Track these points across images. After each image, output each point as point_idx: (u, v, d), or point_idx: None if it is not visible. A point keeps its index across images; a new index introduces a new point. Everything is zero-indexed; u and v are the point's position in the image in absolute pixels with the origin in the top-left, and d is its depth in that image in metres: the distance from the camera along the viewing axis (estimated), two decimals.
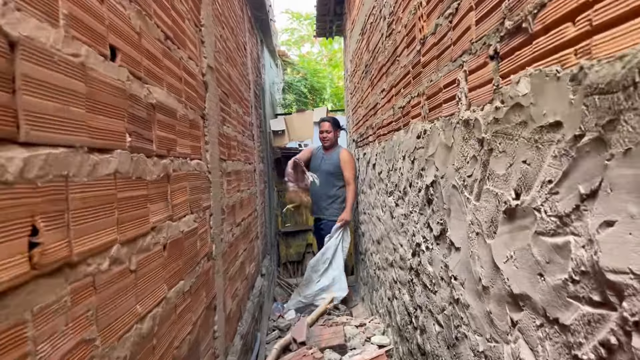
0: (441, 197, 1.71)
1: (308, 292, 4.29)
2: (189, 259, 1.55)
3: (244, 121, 3.41)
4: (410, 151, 2.21)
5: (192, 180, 1.64)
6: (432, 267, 1.89)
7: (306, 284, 4.39)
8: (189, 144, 1.63)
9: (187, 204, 1.55)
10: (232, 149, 2.65)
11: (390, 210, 2.81)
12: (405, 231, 2.41)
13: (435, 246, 1.82)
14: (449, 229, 1.63)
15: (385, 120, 2.97)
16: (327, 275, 4.35)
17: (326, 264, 4.34)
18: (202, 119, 1.89)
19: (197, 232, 1.66)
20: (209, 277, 1.87)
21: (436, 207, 1.78)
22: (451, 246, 1.61)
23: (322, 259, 4.37)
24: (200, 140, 1.84)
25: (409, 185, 2.25)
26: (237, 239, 2.70)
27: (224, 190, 2.29)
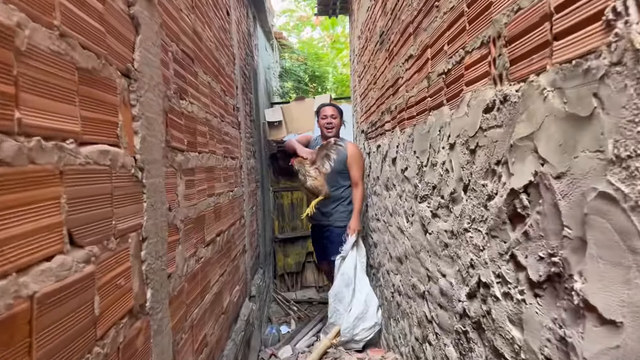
0: (554, 214, 0.91)
1: (344, 327, 3.43)
2: (68, 341, 0.77)
3: (225, 103, 2.61)
4: (466, 135, 1.41)
5: (80, 183, 0.84)
6: (520, 333, 1.09)
7: (334, 319, 3.54)
8: (74, 114, 0.84)
9: (58, 230, 0.76)
10: (198, 136, 1.85)
11: (422, 221, 2.02)
12: (452, 257, 1.61)
13: (532, 298, 1.03)
14: (580, 278, 0.84)
15: (413, 98, 2.17)
16: (357, 300, 3.52)
17: (350, 288, 3.55)
18: (123, 78, 1.09)
19: (92, 280, 0.87)
20: (137, 347, 1.08)
21: (538, 229, 0.98)
22: (586, 311, 0.82)
23: (344, 282, 3.56)
24: (119, 113, 1.05)
25: (463, 187, 1.46)
26: (207, 263, 1.90)
27: (177, 197, 1.49)
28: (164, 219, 1.31)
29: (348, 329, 3.39)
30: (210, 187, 2.02)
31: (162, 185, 1.30)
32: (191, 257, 1.64)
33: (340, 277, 3.58)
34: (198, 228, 1.77)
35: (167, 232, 1.33)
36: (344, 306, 3.51)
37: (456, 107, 1.53)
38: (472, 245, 1.40)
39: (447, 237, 1.66)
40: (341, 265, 3.60)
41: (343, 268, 3.59)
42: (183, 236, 1.53)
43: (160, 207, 1.28)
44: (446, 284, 1.71)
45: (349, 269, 3.56)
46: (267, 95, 5.92)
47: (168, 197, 1.38)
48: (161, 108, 1.33)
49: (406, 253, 2.41)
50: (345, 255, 3.59)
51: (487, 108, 1.25)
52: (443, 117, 1.67)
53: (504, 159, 1.14)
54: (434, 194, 1.81)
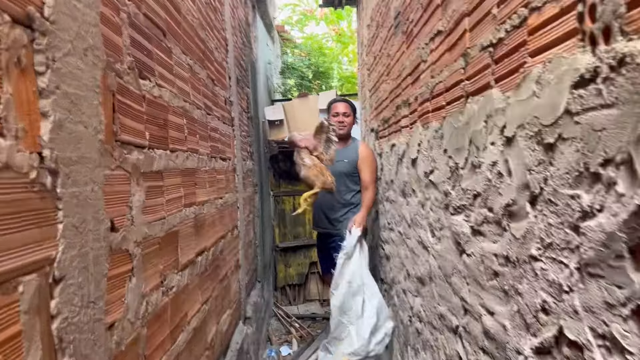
0: None
1: (357, 345, 2.96)
2: None
3: (213, 94, 2.20)
4: (536, 124, 0.99)
5: None
6: None
7: (338, 334, 3.08)
8: None
9: None
10: (171, 130, 1.44)
11: (456, 238, 1.60)
12: (506, 291, 1.19)
13: None
14: None
15: (441, 84, 1.75)
16: (368, 313, 3.04)
17: (359, 298, 3.07)
18: (19, 28, 0.68)
19: None
20: None
21: None
22: None
23: (350, 292, 3.08)
24: (4, 80, 0.64)
25: (529, 198, 1.03)
26: (182, 292, 1.49)
27: (130, 210, 1.08)
28: (102, 244, 0.90)
29: (363, 346, 2.94)
30: (188, 195, 1.61)
31: (96, 196, 0.88)
32: (155, 291, 1.22)
33: (346, 285, 3.09)
34: (168, 249, 1.36)
35: (106, 262, 0.92)
36: (350, 318, 3.06)
37: (515, 87, 1.12)
38: (546, 281, 0.98)
39: (498, 263, 1.24)
40: (345, 266, 3.12)
41: (349, 274, 3.11)
42: (140, 264, 1.11)
43: (94, 228, 0.87)
44: (495, 325, 1.29)
45: (356, 276, 3.09)
46: (268, 93, 5.51)
47: (111, 212, 0.96)
48: (99, 84, 0.92)
49: (431, 274, 1.99)
50: (349, 253, 3.10)
51: (579, 81, 0.83)
52: (491, 102, 1.25)
53: (622, 156, 0.72)
54: (475, 205, 1.39)
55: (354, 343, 2.99)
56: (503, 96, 1.19)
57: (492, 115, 1.25)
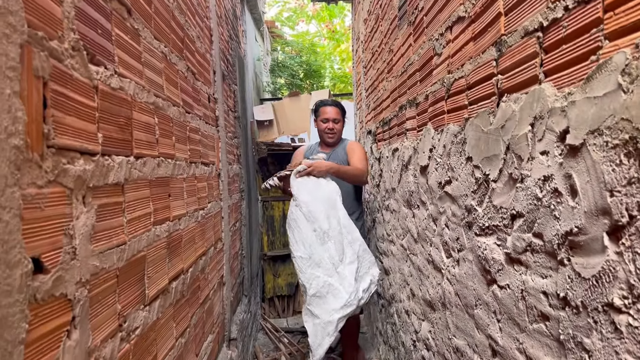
0: None
1: (346, 295, 2.53)
2: None
3: (194, 89, 1.92)
4: (624, 129, 0.73)
5: None
6: None
7: (317, 290, 2.57)
8: None
9: None
10: (137, 130, 1.16)
11: (483, 264, 1.33)
12: (561, 340, 0.93)
13: None
14: None
15: (462, 80, 1.49)
16: (350, 254, 2.63)
17: (331, 241, 2.61)
18: None
19: None
20: None
21: None
22: None
23: (318, 239, 2.60)
24: None
25: (609, 229, 0.77)
26: (150, 330, 1.21)
27: (71, 240, 0.80)
28: (16, 297, 0.62)
29: (353, 294, 2.57)
30: (160, 210, 1.32)
31: (6, 229, 0.60)
32: (109, 340, 0.94)
33: (311, 234, 2.62)
34: (130, 282, 1.07)
35: (25, 322, 0.64)
36: (327, 270, 2.61)
37: (581, 80, 0.85)
38: (637, 342, 0.72)
39: (549, 304, 0.98)
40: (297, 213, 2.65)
41: (309, 217, 2.63)
42: (84, 311, 0.83)
43: (2, 275, 0.59)
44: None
45: (320, 220, 2.63)
46: (257, 91, 5.22)
47: (36, 248, 0.68)
48: (12, 65, 0.63)
49: (444, 300, 1.72)
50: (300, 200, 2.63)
51: None
52: (542, 101, 0.99)
53: None
54: (514, 227, 1.13)
55: (342, 294, 2.57)
56: (560, 93, 0.93)
57: (543, 117, 0.99)
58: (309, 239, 2.63)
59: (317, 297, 2.61)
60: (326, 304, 2.57)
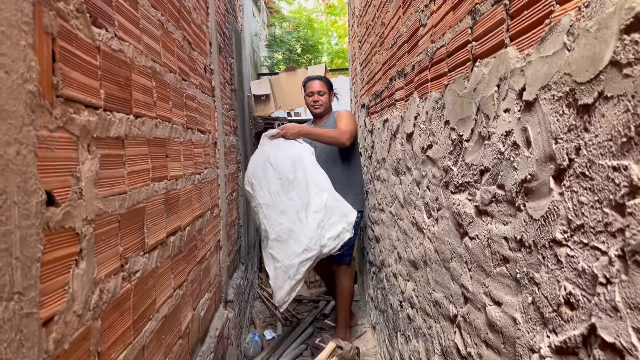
0: None
1: (306, 240, 2.69)
2: None
3: (191, 59, 2.00)
4: (566, 83, 0.82)
5: None
6: None
7: (278, 234, 2.74)
8: None
9: None
10: (136, 91, 1.25)
11: (457, 219, 1.44)
12: (518, 279, 1.04)
13: None
14: None
15: (443, 49, 1.58)
16: (316, 203, 2.77)
17: (295, 190, 2.78)
18: None
19: None
20: None
21: None
22: None
23: (283, 187, 2.77)
24: None
25: (554, 173, 0.87)
26: (149, 277, 1.32)
27: (79, 182, 0.90)
28: (33, 221, 0.72)
29: (314, 239, 2.72)
30: (158, 168, 1.43)
31: (24, 161, 0.70)
32: (112, 277, 1.05)
33: (276, 182, 2.79)
34: (131, 227, 1.18)
35: (40, 244, 0.74)
36: (290, 217, 2.78)
37: (537, 42, 0.95)
38: (573, 270, 0.82)
39: (509, 247, 1.09)
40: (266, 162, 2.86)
41: (277, 167, 2.82)
42: (90, 246, 0.94)
43: (21, 200, 0.69)
44: (502, 316, 1.14)
45: (285, 169, 2.82)
46: (254, 66, 5.27)
47: (49, 183, 0.78)
48: (26, 21, 0.73)
49: (425, 258, 1.84)
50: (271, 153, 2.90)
51: (633, 23, 0.66)
52: (506, 63, 1.08)
53: None
54: (482, 182, 1.23)
55: (303, 239, 2.73)
56: (521, 55, 1.02)
57: (506, 78, 1.08)
58: (274, 187, 2.79)
59: (278, 241, 2.76)
60: (287, 247, 2.72)
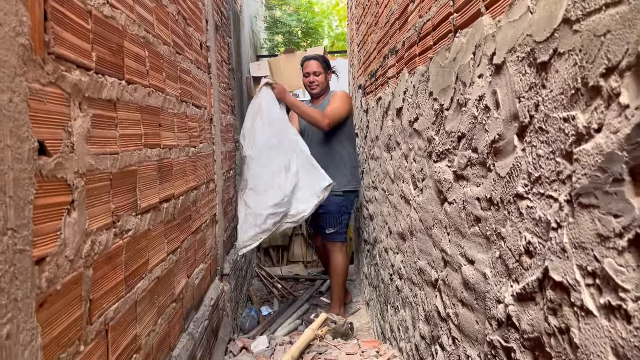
0: None
1: (278, 198, 2.92)
2: None
3: (186, 34, 2.04)
4: (529, 44, 0.87)
5: None
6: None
7: (255, 185, 2.98)
8: None
9: None
10: (128, 59, 1.30)
11: (438, 186, 1.50)
12: (487, 236, 1.10)
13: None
14: None
15: (429, 23, 1.62)
16: (295, 165, 3.00)
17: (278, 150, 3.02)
18: None
19: None
20: None
21: None
22: None
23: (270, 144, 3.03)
24: None
25: (518, 130, 0.92)
26: (141, 238, 1.38)
27: (70, 136, 0.96)
28: (25, 166, 0.78)
29: (285, 198, 2.94)
30: (151, 135, 1.48)
31: (17, 109, 0.76)
32: (104, 230, 1.11)
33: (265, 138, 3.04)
34: (123, 188, 1.24)
35: (32, 188, 0.80)
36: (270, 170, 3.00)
37: (507, 8, 0.99)
38: (532, 219, 0.88)
39: (481, 207, 1.14)
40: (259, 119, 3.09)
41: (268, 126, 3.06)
42: (82, 198, 0.99)
43: (14, 144, 0.75)
44: (475, 274, 1.20)
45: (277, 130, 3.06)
46: (254, 48, 5.30)
47: (41, 133, 0.84)
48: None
49: (412, 228, 1.90)
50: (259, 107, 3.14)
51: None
52: (481, 30, 1.13)
53: (629, 60, 0.60)
54: (459, 148, 1.28)
55: (276, 195, 2.92)
56: (493, 22, 1.07)
57: (480, 45, 1.13)
58: (261, 141, 3.03)
59: (254, 191, 2.97)
60: (260, 199, 2.93)
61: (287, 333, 2.99)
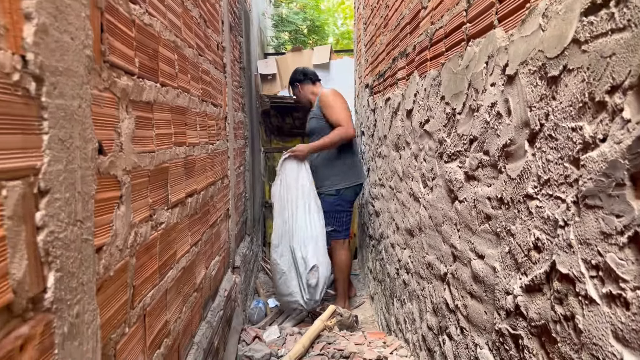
0: None
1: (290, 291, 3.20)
2: None
3: (205, 35, 2.13)
4: (540, 59, 0.96)
5: None
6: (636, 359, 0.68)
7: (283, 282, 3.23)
8: None
9: None
10: (162, 63, 1.39)
11: (449, 185, 1.59)
12: (498, 233, 1.19)
13: None
14: None
15: (441, 30, 1.71)
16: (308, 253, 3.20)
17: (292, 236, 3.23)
18: None
19: None
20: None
21: None
22: None
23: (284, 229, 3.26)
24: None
25: (529, 136, 1.01)
26: (172, 230, 1.47)
27: (119, 137, 1.04)
28: (89, 164, 0.87)
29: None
30: (179, 134, 1.57)
31: (84, 114, 0.85)
32: (144, 223, 1.20)
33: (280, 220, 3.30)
34: (158, 184, 1.33)
35: (94, 184, 0.89)
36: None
37: (519, 23, 1.08)
38: (541, 218, 0.97)
39: (491, 206, 1.23)
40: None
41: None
42: (128, 193, 1.09)
43: (81, 146, 0.84)
44: (484, 268, 1.29)
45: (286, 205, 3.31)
46: (261, 46, 5.38)
47: (99, 135, 0.93)
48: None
49: (420, 225, 1.99)
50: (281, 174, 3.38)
51: (591, 7, 0.80)
52: (494, 42, 1.22)
53: (631, 80, 0.70)
54: (471, 150, 1.38)
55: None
56: (506, 35, 1.16)
57: (493, 56, 1.21)
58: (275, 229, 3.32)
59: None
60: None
61: (295, 325, 3.09)
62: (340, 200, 3.47)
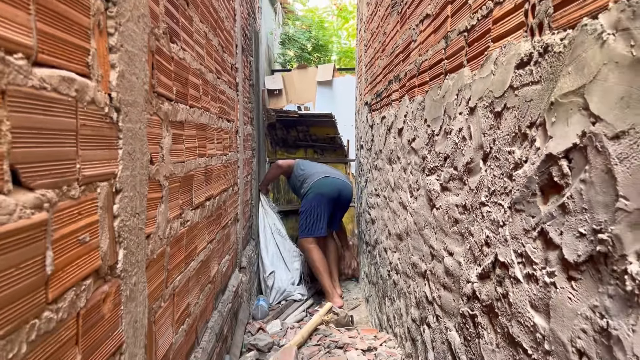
0: (606, 182, 0.76)
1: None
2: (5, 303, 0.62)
3: (222, 60, 2.43)
4: (490, 97, 1.24)
5: (31, 111, 0.69)
6: (545, 320, 0.95)
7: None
8: (25, 23, 0.68)
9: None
10: (190, 88, 1.68)
11: (429, 195, 1.87)
12: (462, 234, 1.47)
13: (565, 281, 0.88)
14: (638, 259, 0.69)
15: (426, 62, 1.99)
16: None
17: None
18: (104, 1, 0.92)
19: (44, 231, 0.72)
20: (103, 313, 0.94)
21: (580, 200, 0.83)
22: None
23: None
24: (91, 38, 0.88)
25: (483, 156, 1.30)
26: (194, 228, 1.75)
27: (162, 150, 1.33)
28: (144, 171, 1.15)
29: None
30: (201, 146, 1.86)
31: (143, 133, 1.13)
32: (175, 219, 1.48)
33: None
34: (185, 188, 1.61)
35: (147, 187, 1.17)
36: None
37: (479, 66, 1.37)
38: (489, 220, 1.25)
39: (458, 212, 1.51)
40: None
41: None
42: (167, 194, 1.37)
43: (140, 157, 1.12)
44: (453, 263, 1.57)
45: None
46: (268, 62, 5.70)
47: (150, 149, 1.21)
48: (146, 45, 1.16)
49: (407, 230, 2.27)
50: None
51: (520, 63, 1.08)
52: (462, 79, 1.50)
53: (540, 120, 0.98)
54: (445, 166, 1.66)
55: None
56: (471, 74, 1.44)
57: (462, 90, 1.50)
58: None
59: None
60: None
61: (297, 322, 3.35)
62: (305, 202, 4.26)
